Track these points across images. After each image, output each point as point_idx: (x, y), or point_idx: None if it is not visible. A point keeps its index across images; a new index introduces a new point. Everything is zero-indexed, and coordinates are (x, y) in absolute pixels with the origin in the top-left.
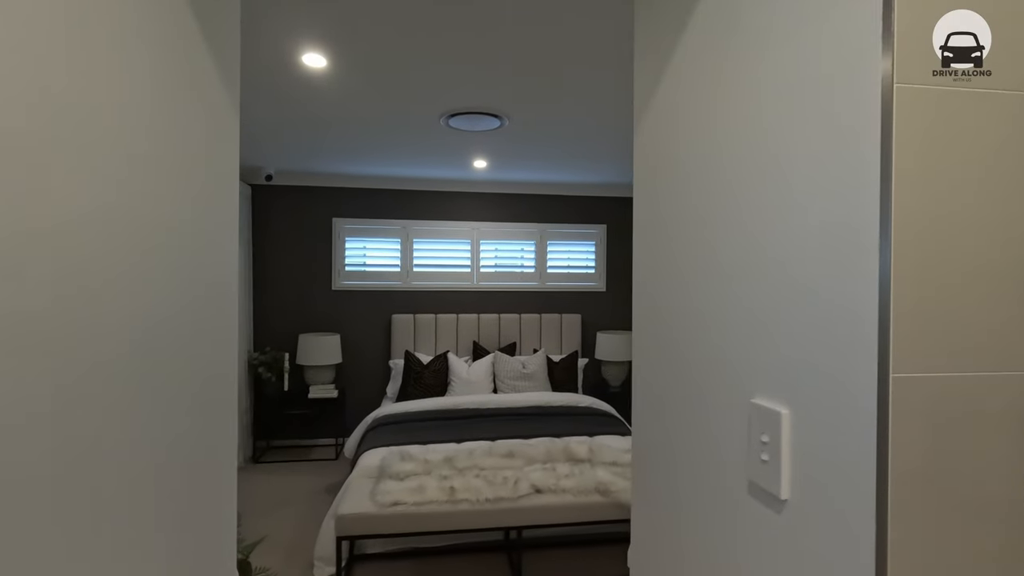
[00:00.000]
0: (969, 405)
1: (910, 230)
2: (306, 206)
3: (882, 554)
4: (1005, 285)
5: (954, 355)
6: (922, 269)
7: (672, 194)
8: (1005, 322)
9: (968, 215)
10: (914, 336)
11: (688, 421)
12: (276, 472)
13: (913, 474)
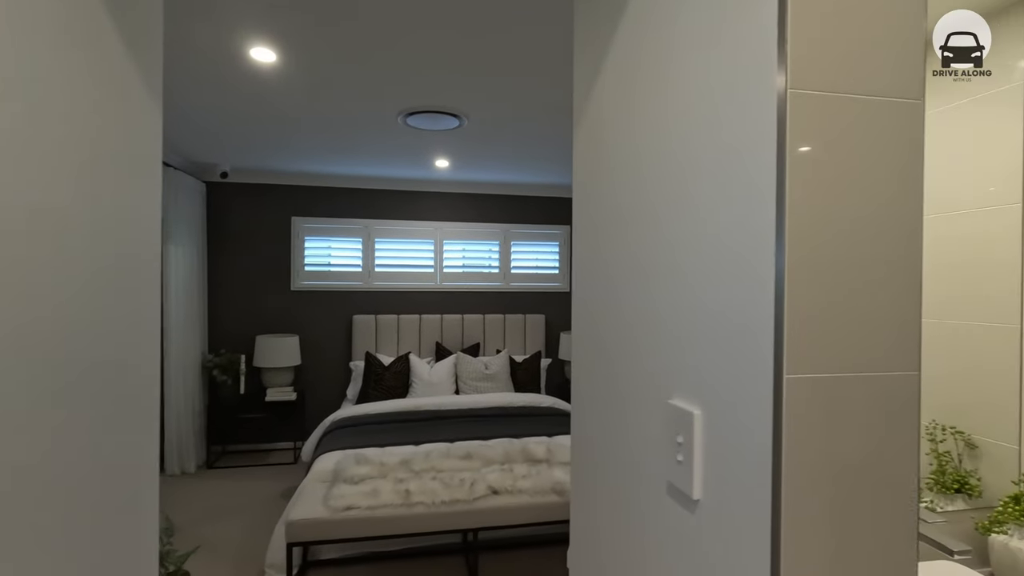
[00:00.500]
0: (856, 403)
1: (802, 240)
2: (265, 204)
3: (776, 551)
4: (893, 291)
5: (842, 357)
6: (813, 276)
7: (603, 198)
8: (890, 326)
9: (857, 226)
10: (805, 340)
11: (616, 422)
12: (231, 478)
13: (804, 468)
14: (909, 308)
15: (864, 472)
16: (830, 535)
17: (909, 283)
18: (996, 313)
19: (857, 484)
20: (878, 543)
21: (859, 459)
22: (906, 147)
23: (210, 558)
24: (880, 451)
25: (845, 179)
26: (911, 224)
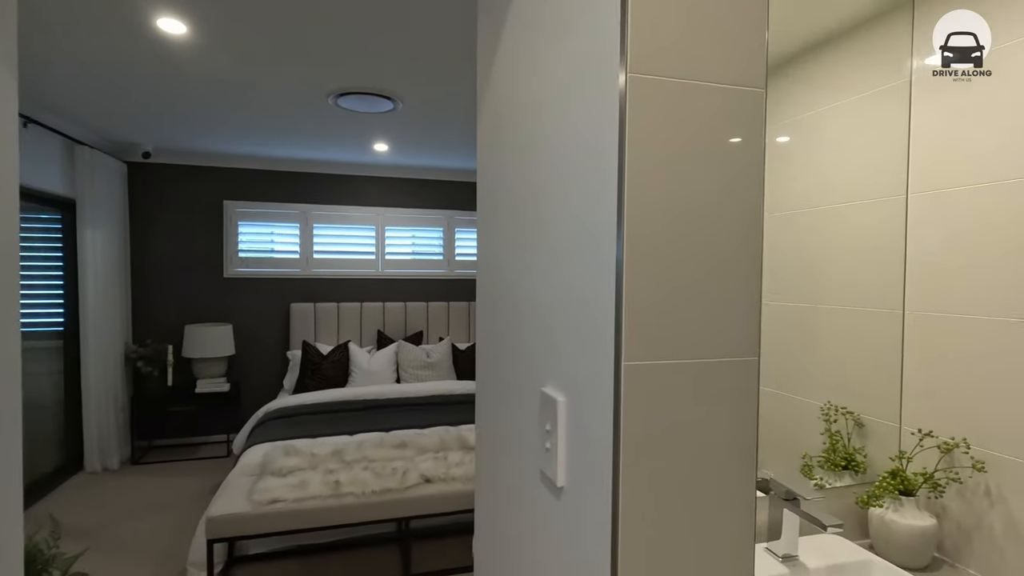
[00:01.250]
0: (693, 388)
1: (639, 226)
2: (194, 187)
3: (615, 529)
4: (732, 278)
5: (680, 344)
6: (650, 263)
7: (497, 184)
8: (728, 314)
9: (694, 214)
10: (642, 326)
11: (505, 411)
12: (157, 474)
13: (641, 451)
14: (748, 295)
15: (701, 455)
16: (667, 515)
17: (748, 271)
18: (883, 299)
19: (694, 466)
20: (717, 524)
21: (696, 442)
22: (746, 135)
23: (128, 558)
24: (716, 433)
25: (683, 166)
26: (750, 214)
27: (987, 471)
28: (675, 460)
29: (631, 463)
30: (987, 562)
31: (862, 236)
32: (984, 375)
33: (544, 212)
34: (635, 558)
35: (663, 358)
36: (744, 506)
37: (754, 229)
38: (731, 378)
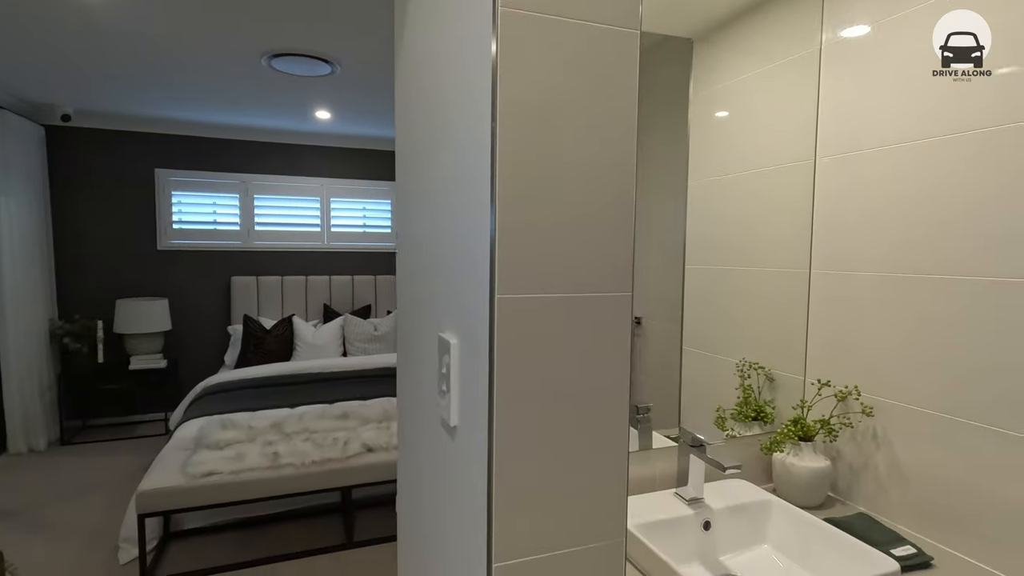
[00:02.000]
0: (560, 319)
1: (511, 166)
2: (122, 153)
3: (490, 462)
4: (604, 215)
5: (548, 280)
6: (521, 201)
7: (410, 148)
8: (603, 249)
9: (565, 154)
10: (513, 263)
11: (418, 365)
12: (89, 454)
13: (512, 378)
14: (620, 233)
15: (574, 386)
16: (539, 446)
17: (620, 210)
18: (793, 259)
19: (566, 398)
20: (589, 451)
21: (569, 374)
22: (619, 77)
23: (55, 539)
24: (589, 367)
25: (554, 106)
26: (622, 158)
27: (874, 416)
28: (547, 390)
29: (504, 393)
30: (873, 499)
31: (778, 199)
32: (874, 327)
33: (444, 165)
34: (507, 488)
35: (534, 292)
36: (616, 434)
37: (625, 172)
38: (603, 312)
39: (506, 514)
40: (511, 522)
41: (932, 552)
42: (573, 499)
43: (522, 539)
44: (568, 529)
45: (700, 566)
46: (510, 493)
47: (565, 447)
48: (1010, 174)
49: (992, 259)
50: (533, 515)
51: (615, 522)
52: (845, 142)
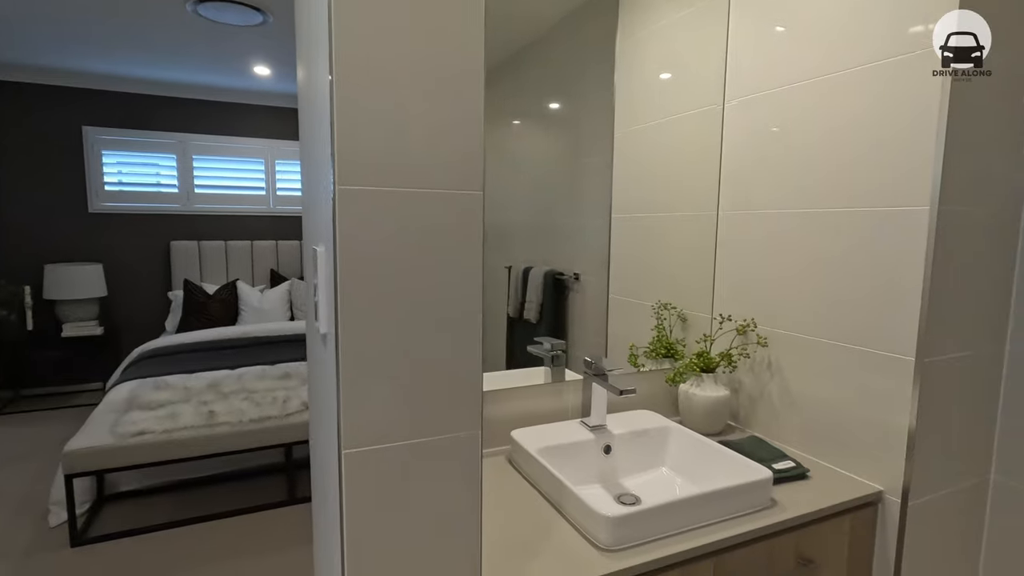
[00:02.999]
0: (403, 213)
1: (348, 66)
2: (43, 110)
3: (337, 367)
4: (450, 116)
5: (388, 174)
6: (361, 96)
7: (304, 101)
8: (453, 147)
9: (412, 52)
10: (351, 164)
11: (311, 294)
12: (21, 424)
13: (357, 278)
14: (469, 126)
15: (421, 278)
16: (387, 338)
17: (468, 98)
18: (703, 203)
19: (413, 290)
20: (440, 343)
21: (415, 266)
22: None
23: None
24: (438, 260)
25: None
26: (470, 56)
27: (768, 346)
28: (392, 284)
29: (350, 288)
30: (767, 424)
31: (692, 145)
32: (770, 263)
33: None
34: (355, 381)
35: (374, 185)
36: (468, 328)
37: (472, 73)
38: (446, 209)
39: (354, 405)
40: (359, 412)
41: (811, 466)
42: (426, 392)
43: (371, 428)
44: (421, 420)
45: (600, 487)
46: (356, 385)
47: (415, 338)
48: (895, 107)
49: (874, 191)
50: (383, 406)
51: (470, 415)
52: (749, 85)
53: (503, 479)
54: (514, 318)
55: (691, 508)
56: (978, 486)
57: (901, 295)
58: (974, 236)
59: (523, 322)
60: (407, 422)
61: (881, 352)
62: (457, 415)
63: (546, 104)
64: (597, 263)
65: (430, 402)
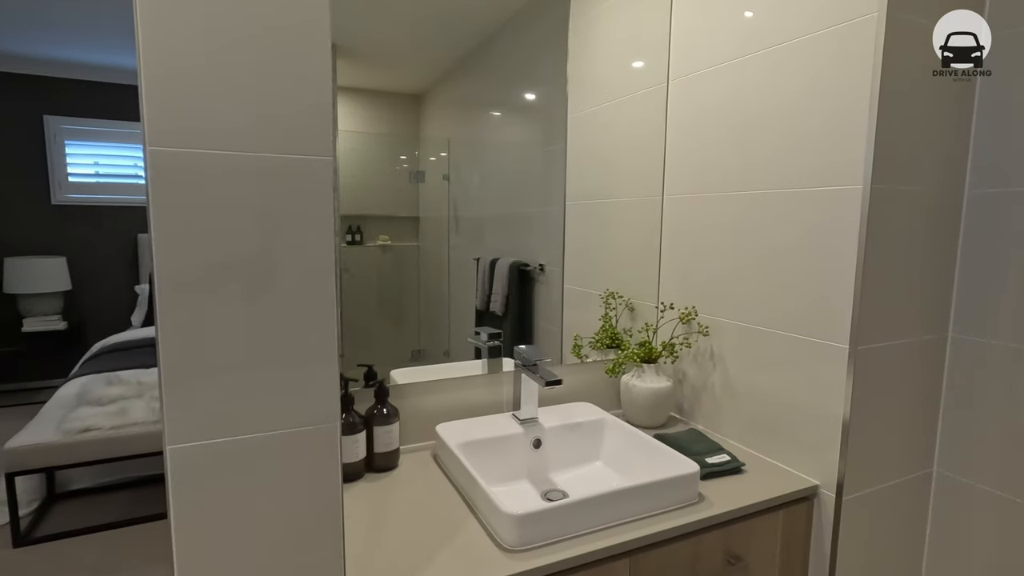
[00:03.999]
0: (234, 184)
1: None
2: (2, 99)
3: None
4: (292, 80)
5: (217, 133)
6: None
7: None
8: (299, 112)
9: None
10: (163, 121)
11: None
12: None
13: (176, 252)
14: (316, 93)
15: (253, 258)
16: (223, 322)
17: (312, 72)
18: (649, 188)
19: (248, 270)
20: (285, 345)
21: (244, 241)
22: None
23: None
24: (284, 241)
25: None
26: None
27: (710, 335)
28: (218, 259)
29: (164, 270)
30: (710, 416)
31: (639, 127)
32: (709, 247)
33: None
34: (174, 370)
35: (190, 147)
36: (319, 317)
37: (319, 40)
38: (281, 180)
39: (177, 391)
40: (187, 405)
41: (748, 459)
42: (266, 381)
43: (201, 419)
44: (262, 412)
45: (528, 483)
46: (179, 370)
47: (250, 322)
48: (831, 80)
49: (811, 171)
50: (216, 394)
51: (325, 407)
52: (693, 62)
53: (424, 475)
54: (481, 311)
55: (608, 504)
56: (920, 480)
57: (837, 280)
58: (911, 217)
59: (490, 314)
60: (245, 414)
61: (818, 340)
62: (307, 406)
63: (512, 93)
64: (559, 253)
65: (272, 392)
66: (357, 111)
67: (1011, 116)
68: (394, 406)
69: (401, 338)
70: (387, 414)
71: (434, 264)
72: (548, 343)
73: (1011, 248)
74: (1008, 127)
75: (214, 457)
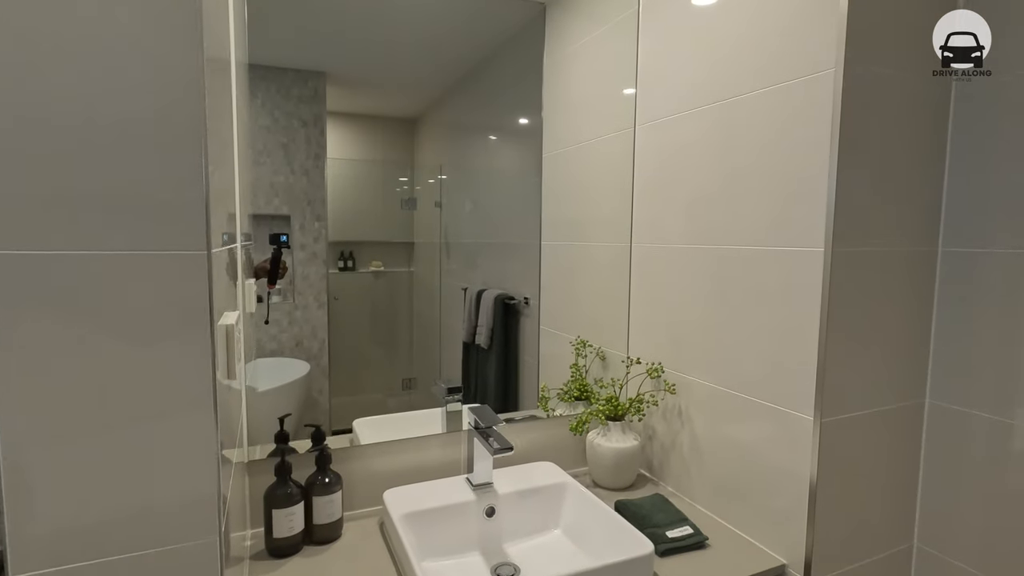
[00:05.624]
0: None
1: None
2: None
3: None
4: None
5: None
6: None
7: None
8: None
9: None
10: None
11: None
12: None
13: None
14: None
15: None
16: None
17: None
18: (618, 233)
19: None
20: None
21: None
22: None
23: None
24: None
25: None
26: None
27: (677, 393)
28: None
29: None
30: (678, 477)
31: (608, 170)
32: (677, 301)
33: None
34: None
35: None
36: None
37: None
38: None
39: (23, 517)
40: (32, 524)
41: (714, 528)
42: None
43: (56, 545)
44: (125, 535)
45: (478, 555)
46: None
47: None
48: (793, 137)
49: (764, 229)
50: (64, 513)
51: (199, 519)
52: (658, 108)
53: (367, 548)
54: (468, 343)
55: None
56: (898, 556)
57: (799, 345)
58: (879, 277)
59: (476, 347)
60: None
61: (782, 408)
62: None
63: (502, 120)
64: (537, 291)
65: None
66: (350, 136)
67: (986, 170)
68: (337, 473)
69: (392, 367)
70: (328, 483)
71: (427, 291)
72: (532, 381)
73: (989, 308)
74: (983, 183)
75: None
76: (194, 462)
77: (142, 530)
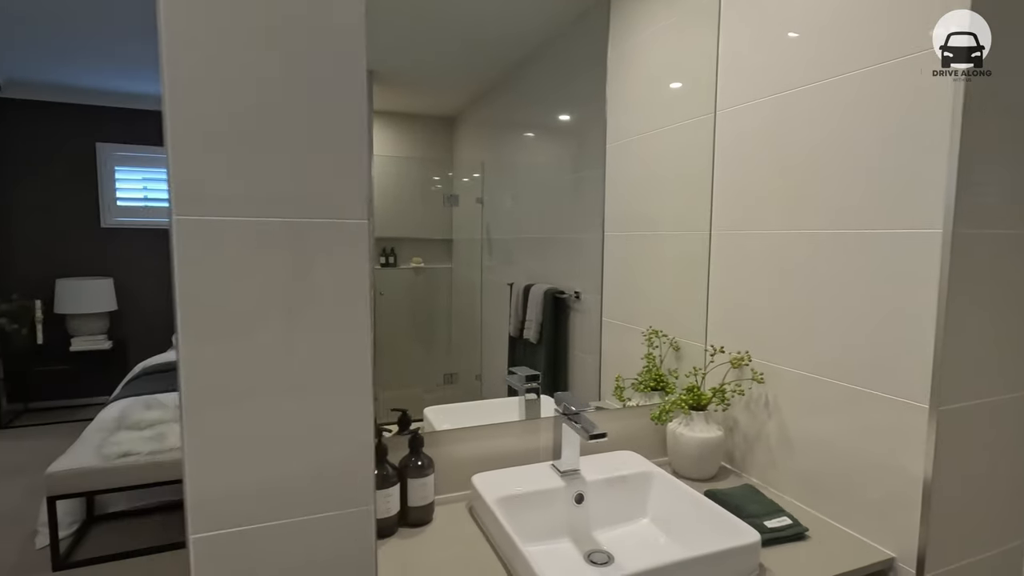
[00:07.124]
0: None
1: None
2: (58, 126)
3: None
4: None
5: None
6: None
7: None
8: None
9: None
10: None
11: None
12: (27, 437)
13: (199, 313)
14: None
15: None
16: (252, 399)
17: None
18: (696, 221)
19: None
20: (318, 403)
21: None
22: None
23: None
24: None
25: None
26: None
27: (765, 383)
28: (254, 319)
29: (193, 328)
30: (765, 469)
31: (684, 158)
32: (765, 290)
33: None
34: (202, 450)
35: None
36: (357, 386)
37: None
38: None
39: (203, 480)
40: (210, 485)
41: (811, 521)
42: (295, 469)
43: (230, 507)
44: (294, 501)
45: (570, 542)
46: (206, 455)
47: (289, 403)
48: (890, 115)
49: (872, 212)
50: (242, 482)
51: (360, 491)
52: (743, 92)
53: (460, 531)
54: (515, 337)
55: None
56: (1012, 553)
57: (913, 331)
58: (1004, 262)
59: (523, 341)
60: (280, 502)
61: (891, 396)
62: (343, 486)
63: (548, 116)
64: (596, 282)
65: (301, 480)
66: (392, 135)
67: None
68: (429, 456)
69: (433, 361)
70: (422, 466)
71: (467, 287)
72: (584, 374)
73: None
74: None
75: (241, 548)
76: (359, 430)
77: (311, 496)
